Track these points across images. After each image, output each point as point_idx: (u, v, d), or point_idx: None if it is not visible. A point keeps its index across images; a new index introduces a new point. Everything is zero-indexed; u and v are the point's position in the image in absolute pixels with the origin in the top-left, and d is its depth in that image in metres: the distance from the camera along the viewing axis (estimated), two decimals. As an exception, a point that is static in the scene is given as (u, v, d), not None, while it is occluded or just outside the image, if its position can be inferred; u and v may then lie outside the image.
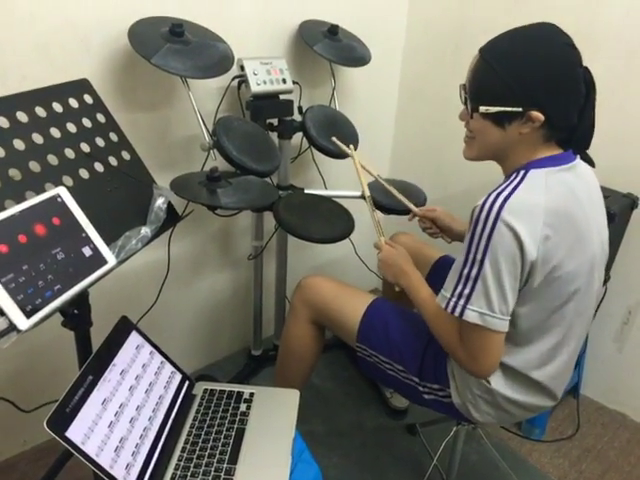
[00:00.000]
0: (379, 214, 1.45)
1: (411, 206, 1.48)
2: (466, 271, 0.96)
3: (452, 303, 0.98)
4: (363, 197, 1.50)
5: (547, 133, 0.99)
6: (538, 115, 0.95)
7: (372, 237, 1.37)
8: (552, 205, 0.94)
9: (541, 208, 0.93)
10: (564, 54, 0.96)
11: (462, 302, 0.97)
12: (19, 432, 1.49)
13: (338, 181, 1.94)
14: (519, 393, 1.10)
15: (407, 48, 2.07)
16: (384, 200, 1.57)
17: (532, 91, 0.95)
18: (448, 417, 1.25)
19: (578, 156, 1.05)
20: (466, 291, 0.96)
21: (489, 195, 0.95)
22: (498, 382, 1.09)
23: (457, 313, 0.98)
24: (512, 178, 0.98)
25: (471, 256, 0.95)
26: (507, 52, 0.97)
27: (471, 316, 0.96)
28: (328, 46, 1.62)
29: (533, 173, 0.97)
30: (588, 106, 0.99)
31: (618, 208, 1.49)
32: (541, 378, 1.08)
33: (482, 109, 0.99)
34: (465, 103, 1.05)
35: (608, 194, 1.52)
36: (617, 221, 1.47)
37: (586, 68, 0.98)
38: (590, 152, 1.09)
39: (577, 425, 1.79)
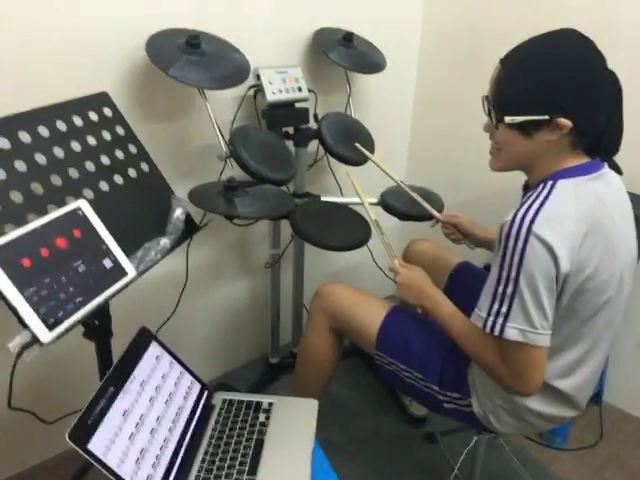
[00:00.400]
0: (388, 237, 1.42)
1: (434, 212, 1.47)
2: (501, 289, 0.94)
3: (490, 322, 0.96)
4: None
5: (575, 140, 0.96)
6: (566, 122, 0.92)
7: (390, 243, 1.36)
8: (583, 215, 0.92)
9: (572, 219, 0.91)
10: (587, 58, 0.94)
11: (501, 320, 0.95)
12: (40, 442, 1.51)
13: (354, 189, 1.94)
14: (542, 404, 1.08)
15: (422, 54, 2.06)
16: (400, 206, 1.56)
17: (557, 97, 0.93)
18: (468, 427, 1.23)
19: (606, 164, 1.03)
20: (503, 309, 0.94)
21: (518, 210, 0.93)
22: None
23: (497, 332, 0.95)
24: (539, 190, 0.96)
25: (505, 273, 0.93)
26: (529, 60, 0.96)
27: (512, 334, 0.93)
28: (343, 53, 1.62)
29: (561, 184, 0.95)
30: (616, 110, 0.97)
31: (641, 212, 1.47)
32: (566, 388, 1.07)
33: (507, 119, 0.97)
34: (489, 114, 1.03)
35: (633, 199, 1.49)
36: (640, 225, 1.45)
37: (611, 71, 0.96)
38: (616, 157, 1.07)
39: (600, 433, 1.76)
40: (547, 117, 0.93)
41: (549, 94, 0.93)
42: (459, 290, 1.41)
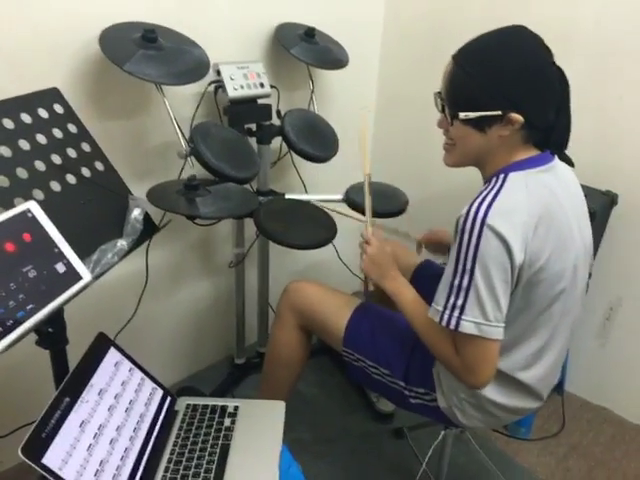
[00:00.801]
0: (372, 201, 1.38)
1: (417, 235, 1.44)
2: (457, 281, 0.95)
3: (446, 316, 0.96)
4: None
5: (526, 134, 0.98)
6: (517, 117, 0.94)
7: (355, 242, 1.35)
8: (535, 207, 0.94)
9: (524, 210, 0.93)
10: (537, 54, 0.96)
11: (456, 314, 0.95)
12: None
13: (319, 185, 1.92)
14: (505, 396, 1.09)
15: (384, 49, 2.06)
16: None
17: (509, 93, 0.94)
18: (435, 422, 1.24)
19: (556, 157, 1.05)
20: (459, 302, 0.95)
21: (472, 203, 0.94)
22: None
23: (452, 325, 0.95)
24: (492, 184, 0.97)
25: (460, 266, 0.94)
26: (481, 56, 0.97)
27: (467, 327, 0.94)
28: (305, 49, 1.60)
29: (513, 176, 0.97)
30: (564, 104, 0.99)
31: (598, 206, 1.50)
32: (528, 380, 1.08)
33: (462, 115, 0.98)
34: (443, 111, 1.04)
35: (587, 192, 1.51)
36: (597, 219, 1.48)
37: (558, 67, 0.98)
38: (569, 151, 1.08)
39: (562, 422, 1.79)
40: (500, 112, 0.95)
41: (501, 90, 0.94)
42: (422, 288, 1.42)
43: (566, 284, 1.01)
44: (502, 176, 0.97)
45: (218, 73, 1.45)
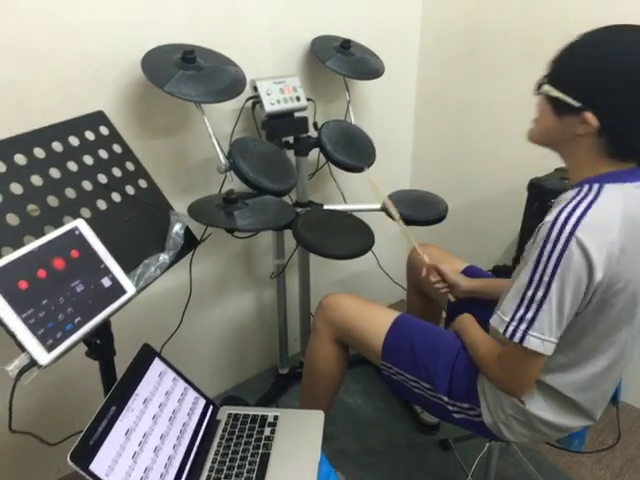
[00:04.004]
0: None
1: (425, 257, 1.43)
2: (530, 293, 0.91)
3: (511, 327, 0.93)
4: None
5: (609, 148, 0.91)
6: (591, 119, 0.88)
7: (394, 249, 1.35)
8: (628, 227, 0.88)
9: (616, 229, 0.87)
10: (631, 54, 0.87)
11: (523, 327, 0.92)
12: (50, 462, 1.51)
13: (357, 195, 1.93)
14: (556, 415, 1.06)
15: (422, 56, 2.05)
16: (403, 211, 1.55)
17: (593, 90, 0.88)
18: (479, 436, 1.21)
19: None
20: (529, 315, 0.91)
21: (561, 211, 0.89)
22: (534, 403, 1.05)
23: (517, 339, 0.92)
24: (585, 192, 0.91)
25: (537, 277, 0.90)
26: (590, 43, 0.90)
27: (533, 343, 0.91)
28: (341, 61, 1.62)
29: (609, 188, 0.91)
30: None
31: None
32: (584, 402, 1.04)
33: (545, 87, 0.93)
34: (542, 79, 0.97)
35: None
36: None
37: None
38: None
39: (618, 434, 1.72)
40: (578, 104, 0.89)
41: (588, 83, 0.88)
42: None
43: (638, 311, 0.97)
44: (597, 186, 0.91)
45: (255, 89, 1.49)
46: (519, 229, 1.69)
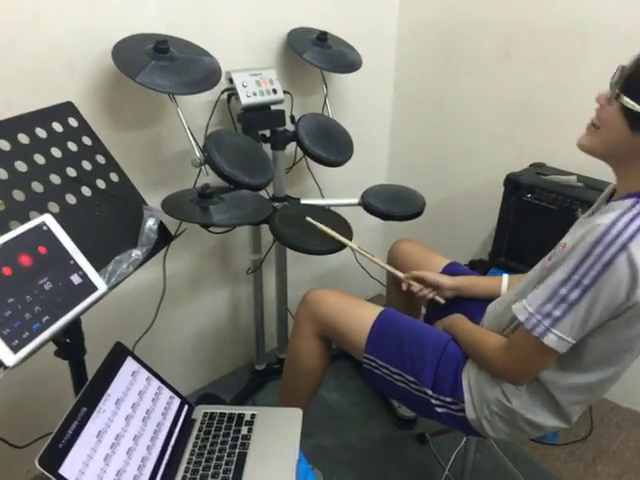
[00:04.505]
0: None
1: (398, 273, 1.43)
2: (564, 291, 0.88)
3: (534, 320, 0.92)
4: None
5: None
6: None
7: (372, 243, 1.34)
8: None
9: None
10: None
11: (547, 323, 0.90)
12: (20, 463, 1.46)
13: (335, 189, 1.92)
14: (540, 416, 1.06)
15: (399, 51, 2.04)
16: (381, 206, 1.55)
17: None
18: (458, 431, 1.21)
19: None
20: (556, 313, 0.89)
21: (619, 218, 0.85)
22: (520, 402, 1.05)
23: (537, 333, 0.91)
24: None
25: (577, 277, 0.87)
26: None
27: (552, 341, 0.90)
28: (318, 53, 1.60)
29: None
30: None
31: None
32: (568, 404, 1.04)
33: (625, 100, 0.86)
34: (613, 86, 0.90)
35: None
36: None
37: None
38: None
39: (590, 426, 1.75)
40: None
41: None
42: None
43: None
44: None
45: (231, 81, 1.46)
46: (495, 224, 1.70)
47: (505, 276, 1.32)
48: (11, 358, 0.76)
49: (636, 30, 1.46)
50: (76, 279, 0.90)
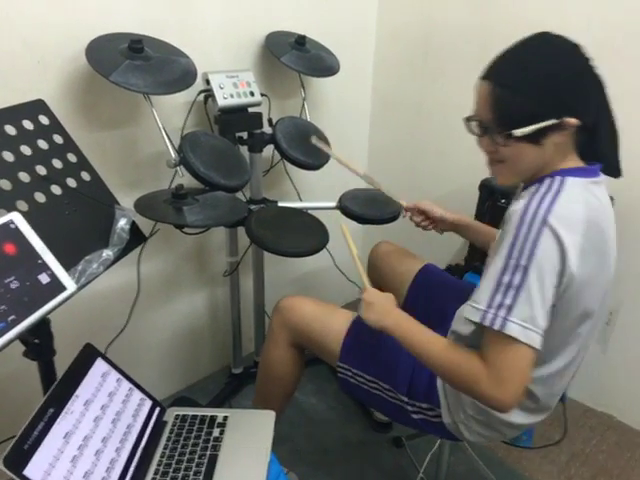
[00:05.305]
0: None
1: (401, 201, 1.44)
2: (507, 278, 0.87)
3: (490, 315, 0.88)
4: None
5: (578, 137, 0.94)
6: (574, 121, 0.89)
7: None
8: (591, 218, 0.90)
9: (583, 219, 0.88)
10: (574, 52, 0.92)
11: (502, 313, 0.87)
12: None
13: (312, 193, 1.92)
14: (517, 415, 1.06)
15: (377, 56, 2.06)
16: (358, 209, 1.55)
17: (562, 98, 0.90)
18: (435, 436, 1.21)
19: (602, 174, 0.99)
20: (507, 301, 0.87)
21: (530, 200, 0.89)
22: None
23: (497, 326, 0.87)
24: (549, 184, 0.92)
25: (513, 261, 0.87)
26: (520, 68, 0.92)
27: (514, 329, 0.86)
28: (296, 57, 1.60)
29: (571, 182, 0.92)
30: (604, 104, 0.95)
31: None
32: (545, 396, 1.05)
33: (517, 133, 0.91)
34: (484, 134, 0.97)
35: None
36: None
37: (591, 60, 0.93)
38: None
39: (564, 429, 1.76)
40: (556, 120, 0.89)
41: (553, 96, 0.89)
42: (422, 293, 1.41)
43: (598, 302, 0.97)
44: (559, 179, 0.92)
45: (207, 82, 1.45)
46: (471, 228, 1.72)
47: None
48: (-26, 357, 0.75)
49: (608, 38, 1.50)
50: (44, 278, 0.88)
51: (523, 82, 0.91)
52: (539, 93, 0.90)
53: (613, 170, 1.01)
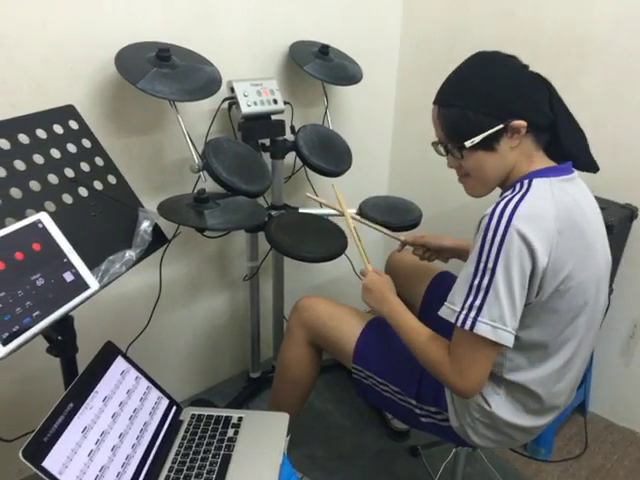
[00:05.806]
0: (364, 244, 1.42)
1: (399, 236, 1.46)
2: (477, 281, 0.92)
3: (462, 316, 0.93)
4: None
5: (535, 137, 1.00)
6: (520, 122, 0.96)
7: (370, 254, 1.36)
8: (561, 214, 0.93)
9: (550, 216, 0.92)
10: (508, 62, 1.01)
11: (473, 314, 0.92)
12: (11, 462, 1.47)
13: (333, 200, 1.93)
14: (522, 417, 1.06)
15: (401, 64, 2.07)
16: (378, 217, 1.56)
17: (502, 104, 0.97)
18: (447, 442, 1.21)
19: (575, 171, 1.04)
20: (477, 302, 0.92)
21: (498, 203, 0.93)
22: (500, 405, 1.05)
23: (467, 326, 0.92)
24: (517, 189, 0.97)
25: (482, 265, 0.92)
26: (461, 85, 1.02)
27: (483, 329, 0.91)
28: (319, 66, 1.63)
29: (538, 182, 0.96)
30: (556, 100, 1.02)
31: (616, 219, 1.47)
32: (548, 395, 1.05)
33: (468, 143, 0.99)
34: (448, 152, 1.07)
35: (605, 205, 1.49)
36: (615, 232, 1.45)
37: (534, 71, 1.02)
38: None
39: (585, 444, 1.73)
40: (502, 125, 0.97)
41: (493, 104, 0.97)
42: (437, 297, 1.40)
43: (590, 296, 1.00)
44: (526, 181, 0.97)
45: (232, 90, 1.49)
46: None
47: None
48: (0, 350, 0.78)
49: (634, 48, 1.48)
50: (69, 277, 0.91)
51: (464, 98, 1.00)
52: (480, 104, 0.98)
53: (588, 166, 1.07)
